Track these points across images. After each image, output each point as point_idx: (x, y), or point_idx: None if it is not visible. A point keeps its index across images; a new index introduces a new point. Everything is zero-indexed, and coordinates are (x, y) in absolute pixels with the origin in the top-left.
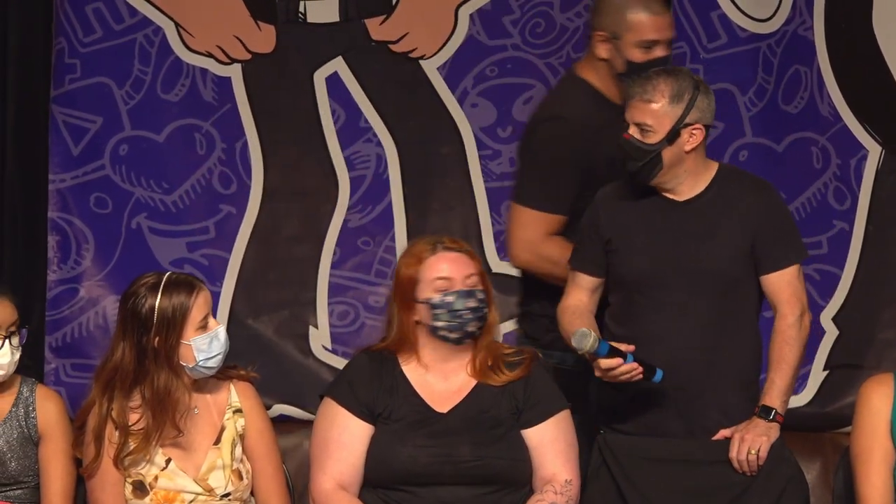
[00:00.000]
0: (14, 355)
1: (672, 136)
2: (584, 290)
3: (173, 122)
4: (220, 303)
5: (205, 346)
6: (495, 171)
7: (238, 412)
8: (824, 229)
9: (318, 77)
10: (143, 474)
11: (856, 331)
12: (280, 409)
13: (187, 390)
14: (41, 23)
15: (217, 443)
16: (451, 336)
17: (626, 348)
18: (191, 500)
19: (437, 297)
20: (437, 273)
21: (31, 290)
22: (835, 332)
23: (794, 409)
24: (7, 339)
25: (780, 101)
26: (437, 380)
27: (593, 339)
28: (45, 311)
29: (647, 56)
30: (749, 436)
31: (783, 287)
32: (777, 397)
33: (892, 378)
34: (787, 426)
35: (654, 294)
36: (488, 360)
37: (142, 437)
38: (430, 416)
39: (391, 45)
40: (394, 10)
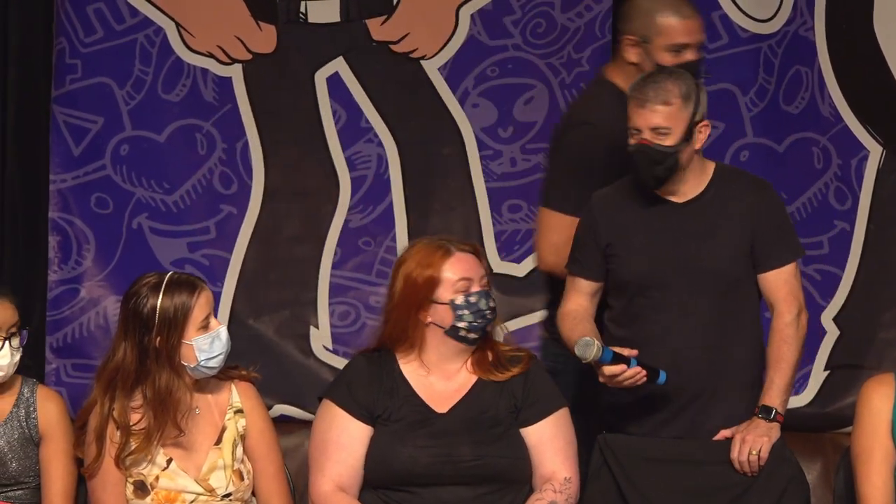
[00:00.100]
0: (14, 357)
1: (688, 135)
2: (584, 294)
3: (174, 123)
4: (221, 303)
5: (206, 346)
6: (496, 172)
7: (239, 412)
8: (825, 229)
9: (319, 77)
10: (144, 474)
11: (857, 331)
12: (281, 409)
13: (189, 390)
14: (42, 23)
15: (218, 443)
16: (471, 336)
17: (629, 353)
18: (192, 501)
19: (461, 298)
20: (460, 274)
21: (32, 290)
22: (836, 332)
23: (794, 409)
24: (7, 341)
25: (781, 102)
26: (439, 380)
27: (597, 347)
28: (46, 312)
29: (676, 60)
30: (750, 436)
31: (780, 286)
32: (777, 396)
33: (892, 378)
34: (787, 426)
35: (656, 295)
36: (489, 357)
37: (143, 437)
38: (429, 417)
39: (392, 46)
40: (395, 11)
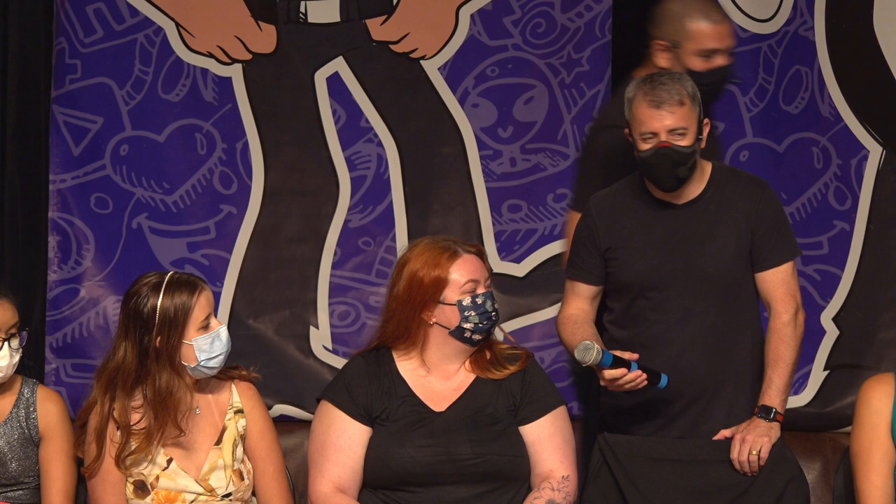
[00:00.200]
0: (13, 357)
1: (699, 133)
2: (584, 298)
3: (174, 123)
4: (221, 303)
5: (207, 346)
6: (496, 172)
7: (239, 412)
8: (825, 229)
9: (319, 77)
10: (144, 474)
11: (856, 331)
12: (281, 409)
13: (189, 390)
14: (42, 23)
15: (218, 443)
16: (475, 338)
17: (630, 356)
18: (192, 500)
19: (468, 299)
20: (468, 276)
21: (32, 290)
22: (835, 332)
23: (794, 409)
24: (7, 342)
25: (781, 102)
26: (438, 379)
27: (596, 351)
28: (46, 312)
29: (707, 65)
30: (750, 437)
31: (777, 285)
32: (776, 396)
33: (892, 378)
34: (787, 426)
35: (656, 297)
36: (486, 355)
37: (143, 437)
38: (427, 416)
39: (392, 46)
40: (395, 11)
